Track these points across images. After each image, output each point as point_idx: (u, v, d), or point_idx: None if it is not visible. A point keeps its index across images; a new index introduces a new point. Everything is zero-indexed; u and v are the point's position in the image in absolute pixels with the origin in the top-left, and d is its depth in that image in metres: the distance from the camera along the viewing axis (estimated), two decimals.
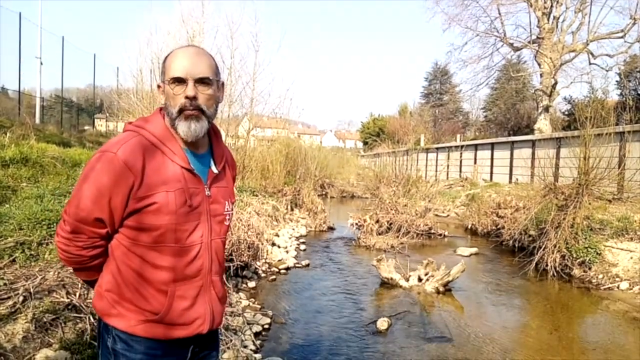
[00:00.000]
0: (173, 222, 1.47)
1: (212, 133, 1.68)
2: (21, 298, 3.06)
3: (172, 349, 1.56)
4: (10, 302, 2.99)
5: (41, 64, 18.06)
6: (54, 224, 4.34)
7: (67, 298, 3.23)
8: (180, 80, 1.49)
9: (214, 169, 1.63)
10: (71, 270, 3.58)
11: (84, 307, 3.20)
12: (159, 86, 1.58)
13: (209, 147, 1.66)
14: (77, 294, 3.31)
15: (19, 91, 17.22)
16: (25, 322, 2.90)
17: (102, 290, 1.55)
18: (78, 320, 3.12)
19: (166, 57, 1.56)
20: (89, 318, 3.12)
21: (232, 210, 1.71)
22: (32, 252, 3.91)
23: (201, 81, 1.50)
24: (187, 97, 1.48)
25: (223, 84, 1.66)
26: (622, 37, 20.31)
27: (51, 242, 4.16)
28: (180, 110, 1.49)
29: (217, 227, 1.61)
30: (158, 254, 1.49)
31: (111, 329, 1.52)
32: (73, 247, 1.50)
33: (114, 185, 1.40)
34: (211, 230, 1.59)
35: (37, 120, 16.92)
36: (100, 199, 1.42)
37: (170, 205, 1.46)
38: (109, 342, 1.54)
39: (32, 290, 3.17)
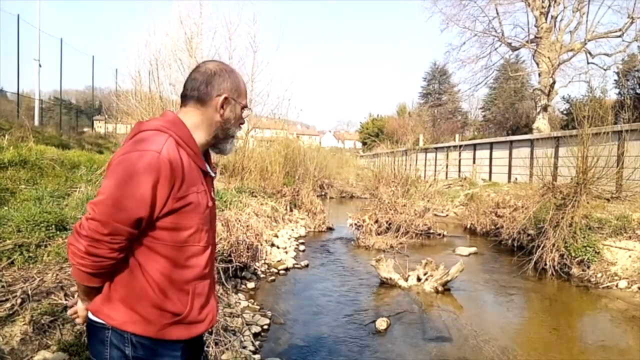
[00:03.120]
0: (201, 223, 1.56)
1: None
2: (19, 300, 3.06)
3: (188, 347, 1.63)
4: (8, 305, 2.99)
5: (40, 66, 18.05)
6: (53, 226, 4.34)
7: (66, 300, 3.22)
8: (246, 108, 1.69)
9: (211, 173, 1.70)
10: (69, 273, 3.57)
11: None
12: (226, 98, 1.62)
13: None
14: (75, 296, 3.30)
15: (18, 93, 17.20)
16: (23, 324, 2.90)
17: (114, 297, 1.52)
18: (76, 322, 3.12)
19: (236, 77, 1.67)
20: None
21: None
22: (31, 254, 3.91)
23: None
24: (241, 124, 1.69)
25: None
26: (620, 36, 20.35)
27: (49, 245, 4.15)
28: (234, 132, 1.68)
29: (216, 227, 1.76)
30: (184, 254, 1.54)
31: (129, 336, 1.50)
32: (106, 249, 1.42)
33: (160, 184, 1.42)
34: (214, 229, 1.72)
35: (36, 122, 16.89)
36: (144, 198, 1.41)
37: (201, 206, 1.55)
38: (127, 351, 1.50)
39: (30, 292, 3.17)
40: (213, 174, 1.69)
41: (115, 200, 1.40)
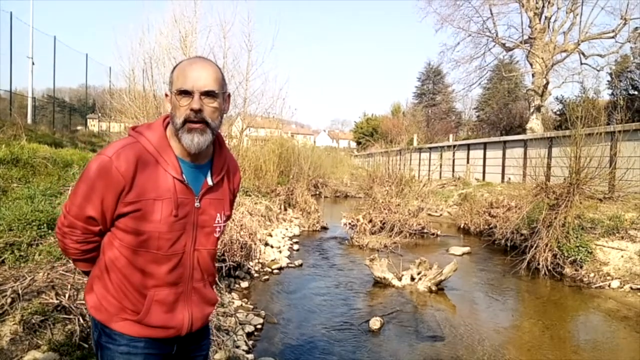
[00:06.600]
0: (156, 230, 1.51)
1: (217, 144, 1.69)
2: (9, 299, 3.02)
3: (155, 343, 1.60)
4: None
5: (33, 63, 17.91)
6: (44, 225, 4.32)
7: (57, 299, 3.20)
8: (186, 93, 1.50)
9: (209, 181, 1.64)
10: (61, 272, 3.57)
11: (73, 308, 3.17)
12: (166, 95, 1.60)
13: (210, 158, 1.67)
14: (67, 295, 3.27)
15: (10, 91, 17.07)
16: (13, 324, 2.87)
17: (92, 284, 1.63)
18: (67, 322, 3.09)
19: (174, 68, 1.57)
20: (79, 319, 3.09)
21: (223, 222, 1.72)
22: (22, 253, 3.88)
23: (207, 94, 1.51)
24: (192, 110, 1.49)
25: (229, 95, 1.67)
26: (613, 37, 20.50)
27: (41, 243, 4.13)
28: (185, 122, 1.50)
29: (203, 238, 1.63)
30: (140, 258, 1.53)
31: (97, 322, 1.60)
32: (69, 240, 1.58)
33: (105, 187, 1.47)
34: (195, 240, 1.61)
35: (29, 121, 16.78)
36: (92, 199, 1.49)
37: (155, 214, 1.50)
38: (95, 335, 1.63)
39: (20, 291, 3.14)
40: (211, 183, 1.63)
41: (73, 197, 1.55)
